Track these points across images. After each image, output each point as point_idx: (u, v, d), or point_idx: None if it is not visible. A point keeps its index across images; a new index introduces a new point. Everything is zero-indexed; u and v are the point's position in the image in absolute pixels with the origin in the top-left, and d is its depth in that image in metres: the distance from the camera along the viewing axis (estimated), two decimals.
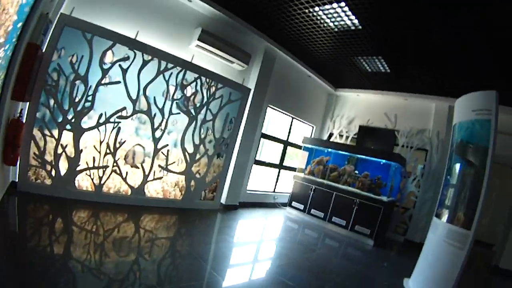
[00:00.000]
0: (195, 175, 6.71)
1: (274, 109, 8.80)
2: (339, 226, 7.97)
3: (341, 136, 10.38)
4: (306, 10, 5.68)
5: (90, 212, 5.17)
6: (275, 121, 9.89)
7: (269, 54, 7.92)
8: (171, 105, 6.16)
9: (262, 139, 8.58)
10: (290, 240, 6.43)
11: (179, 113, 6.28)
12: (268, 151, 10.54)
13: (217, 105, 6.81)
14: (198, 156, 6.69)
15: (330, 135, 10.67)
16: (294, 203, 8.89)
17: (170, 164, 6.35)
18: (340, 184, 8.38)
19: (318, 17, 5.83)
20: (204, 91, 6.58)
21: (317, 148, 9.43)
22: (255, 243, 6.02)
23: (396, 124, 9.55)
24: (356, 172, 8.69)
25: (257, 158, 8.55)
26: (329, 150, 9.12)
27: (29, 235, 3.88)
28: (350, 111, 10.46)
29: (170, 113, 6.16)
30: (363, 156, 8.50)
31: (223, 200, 7.48)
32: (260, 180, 9.62)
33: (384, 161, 8.10)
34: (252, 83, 7.69)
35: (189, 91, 6.40)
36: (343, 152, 8.84)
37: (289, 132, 9.68)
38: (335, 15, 5.55)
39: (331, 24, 5.95)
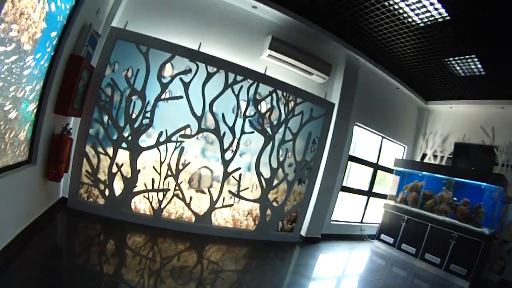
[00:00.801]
0: (272, 203, 5.80)
1: (361, 127, 7.78)
2: (432, 265, 6.71)
3: (435, 156, 8.99)
4: (386, 3, 4.76)
5: (147, 237, 4.74)
6: (363, 141, 8.77)
7: (351, 62, 6.96)
8: (243, 122, 5.39)
9: (349, 162, 7.55)
10: (375, 284, 5.23)
11: (253, 132, 5.48)
12: (356, 175, 9.38)
13: (297, 123, 5.91)
14: (275, 182, 5.79)
15: (423, 156, 9.30)
16: (383, 236, 7.69)
17: (242, 190, 5.52)
18: (436, 213, 7.06)
19: (401, 11, 4.91)
20: (282, 107, 5.73)
21: (410, 171, 8.21)
22: None
23: (494, 138, 8.05)
24: (455, 199, 7.26)
25: (343, 184, 7.53)
26: (423, 173, 7.86)
27: (78, 252, 3.74)
28: (444, 127, 9.06)
29: (242, 132, 5.39)
30: (461, 179, 7.15)
31: (303, 232, 6.50)
32: (346, 209, 8.60)
33: (484, 184, 6.71)
34: (336, 97, 6.73)
35: (263, 107, 5.59)
36: (439, 175, 7.51)
37: (379, 154, 8.55)
38: (419, 5, 4.60)
39: (415, 17, 4.98)
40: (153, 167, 4.95)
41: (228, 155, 5.38)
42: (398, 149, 9.48)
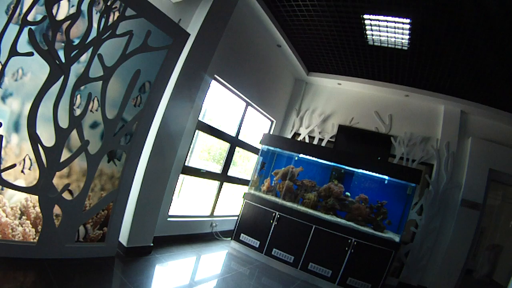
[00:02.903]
0: (61, 195, 3.05)
1: (222, 83, 5.37)
2: (319, 277, 5.00)
3: (311, 138, 7.35)
4: None
5: None
6: (220, 105, 6.31)
7: None
8: (19, 33, 2.57)
9: (197, 131, 5.09)
10: None
11: (31, 54, 2.64)
12: (205, 152, 7.15)
13: (116, 50, 3.22)
14: (66, 156, 3.03)
15: (295, 135, 7.50)
16: (243, 237, 5.53)
17: (5, 170, 2.70)
18: (321, 211, 5.29)
19: None
20: (95, 16, 2.99)
21: (283, 152, 6.21)
22: None
23: (391, 127, 7.03)
24: (348, 193, 5.57)
25: (187, 164, 5.10)
26: (301, 156, 5.90)
27: None
28: (326, 105, 7.50)
29: (13, 51, 2.57)
30: (360, 171, 5.51)
31: (123, 239, 3.87)
32: (190, 199, 6.59)
33: (387, 178, 5.36)
34: (193, 29, 4.12)
35: (62, 10, 2.81)
36: (325, 162, 5.65)
37: (240, 126, 6.23)
38: None
39: None
40: None
41: None
42: (264, 124, 7.40)
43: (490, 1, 3.59)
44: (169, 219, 4.90)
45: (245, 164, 7.87)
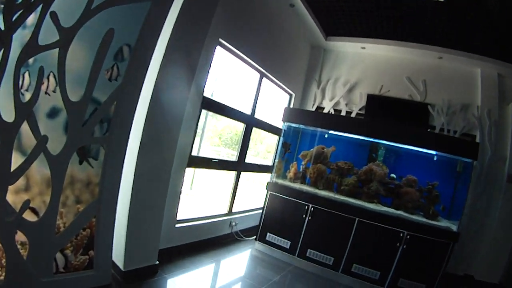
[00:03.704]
0: (22, 217, 2.04)
1: (229, 50, 4.30)
2: (365, 280, 4.09)
3: (337, 112, 6.32)
4: None
5: None
6: (230, 77, 5.16)
7: None
8: None
9: (203, 110, 3.98)
10: None
11: None
12: (216, 137, 6.25)
13: (78, 4, 2.13)
14: (19, 162, 2.00)
15: (318, 110, 6.45)
16: (270, 236, 4.57)
17: None
18: (363, 200, 4.31)
19: None
20: None
21: (309, 129, 5.13)
22: None
23: (427, 94, 6.04)
24: (393, 175, 4.53)
25: (194, 154, 4.02)
26: (333, 133, 4.86)
27: None
28: (350, 73, 6.42)
29: None
30: (403, 146, 4.47)
31: (119, 261, 2.94)
32: (202, 196, 5.79)
33: (435, 153, 4.37)
34: None
35: None
36: (362, 137, 4.60)
37: (255, 102, 5.16)
38: None
39: None
40: None
41: None
42: (282, 99, 6.35)
43: None
44: (177, 225, 3.89)
45: (257, 147, 6.87)
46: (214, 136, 6.45)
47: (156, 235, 3.25)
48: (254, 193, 6.07)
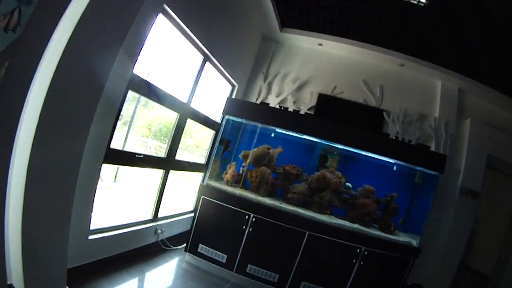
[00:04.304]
0: None
1: (174, 22, 3.47)
2: None
3: (282, 109, 5.69)
4: None
5: None
6: (168, 55, 4.37)
7: None
8: None
9: (132, 93, 3.15)
10: None
11: None
12: (146, 128, 5.51)
13: None
14: None
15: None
16: (203, 248, 3.78)
17: None
18: (314, 211, 3.73)
19: None
20: None
21: (251, 124, 4.37)
22: None
23: (383, 101, 5.75)
24: (349, 184, 4.02)
25: (115, 147, 3.14)
26: (280, 131, 4.18)
27: None
28: (302, 69, 5.84)
29: None
30: (362, 152, 3.95)
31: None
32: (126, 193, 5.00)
33: (410, 165, 4.01)
34: None
35: None
36: (314, 139, 4.04)
37: (194, 89, 4.29)
38: None
39: None
40: None
41: None
42: (224, 89, 5.60)
43: None
44: (91, 236, 3.00)
45: (186, 140, 6.12)
46: (143, 126, 5.79)
47: (61, 252, 2.37)
48: (182, 192, 5.40)
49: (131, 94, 3.12)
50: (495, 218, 5.95)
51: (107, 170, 5.63)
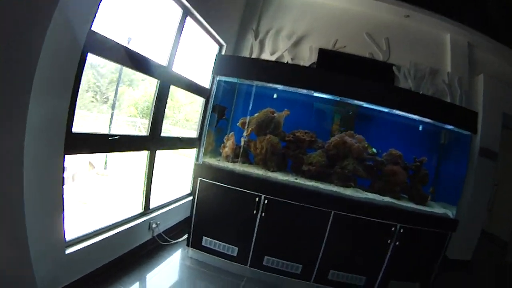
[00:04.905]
0: None
1: None
2: None
3: None
4: None
5: None
6: (138, 8, 3.49)
7: None
8: None
9: (88, 56, 2.25)
10: None
11: None
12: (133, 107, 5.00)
13: None
14: None
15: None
16: (207, 240, 3.15)
17: None
18: (337, 184, 3.08)
19: None
20: None
21: (249, 84, 3.60)
22: None
23: (390, 55, 5.14)
24: (374, 150, 3.39)
25: (77, 130, 2.29)
26: (284, 89, 3.40)
27: None
28: (296, 24, 5.14)
29: None
30: (384, 109, 3.26)
31: None
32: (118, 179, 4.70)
33: (423, 120, 3.31)
34: None
35: None
36: (326, 96, 3.30)
37: (175, 50, 3.51)
38: None
39: None
40: None
41: None
42: (210, 50, 4.78)
43: None
44: (69, 250, 2.28)
45: (175, 115, 5.54)
46: (131, 106, 5.25)
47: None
48: (176, 172, 4.75)
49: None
50: None
51: (97, 156, 5.07)
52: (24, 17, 1.63)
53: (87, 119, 4.73)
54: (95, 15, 2.13)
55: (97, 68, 4.60)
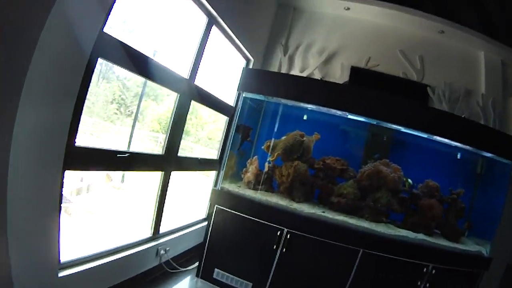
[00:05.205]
0: None
1: None
2: None
3: None
4: None
5: None
6: (160, 13, 3.36)
7: None
8: None
9: (100, 61, 2.14)
10: None
11: None
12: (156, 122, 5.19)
13: None
14: None
15: None
16: (219, 273, 2.93)
17: None
18: (368, 219, 2.83)
19: None
20: None
21: (277, 103, 3.40)
22: None
23: (424, 74, 5.03)
24: (410, 181, 3.12)
25: (81, 144, 2.15)
26: (311, 107, 3.16)
27: None
28: (328, 39, 5.02)
29: None
30: (421, 135, 2.97)
31: None
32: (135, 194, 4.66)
33: (479, 151, 3.09)
34: None
35: None
36: (360, 117, 3.04)
37: (198, 61, 3.34)
38: None
39: None
40: None
41: None
42: (237, 65, 4.61)
43: None
44: (62, 273, 2.13)
45: (198, 133, 5.46)
46: (154, 120, 5.33)
47: None
48: (193, 192, 4.64)
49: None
50: None
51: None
52: (17, 16, 1.51)
53: (110, 131, 4.69)
54: (107, 16, 1.99)
55: (123, 81, 4.57)
